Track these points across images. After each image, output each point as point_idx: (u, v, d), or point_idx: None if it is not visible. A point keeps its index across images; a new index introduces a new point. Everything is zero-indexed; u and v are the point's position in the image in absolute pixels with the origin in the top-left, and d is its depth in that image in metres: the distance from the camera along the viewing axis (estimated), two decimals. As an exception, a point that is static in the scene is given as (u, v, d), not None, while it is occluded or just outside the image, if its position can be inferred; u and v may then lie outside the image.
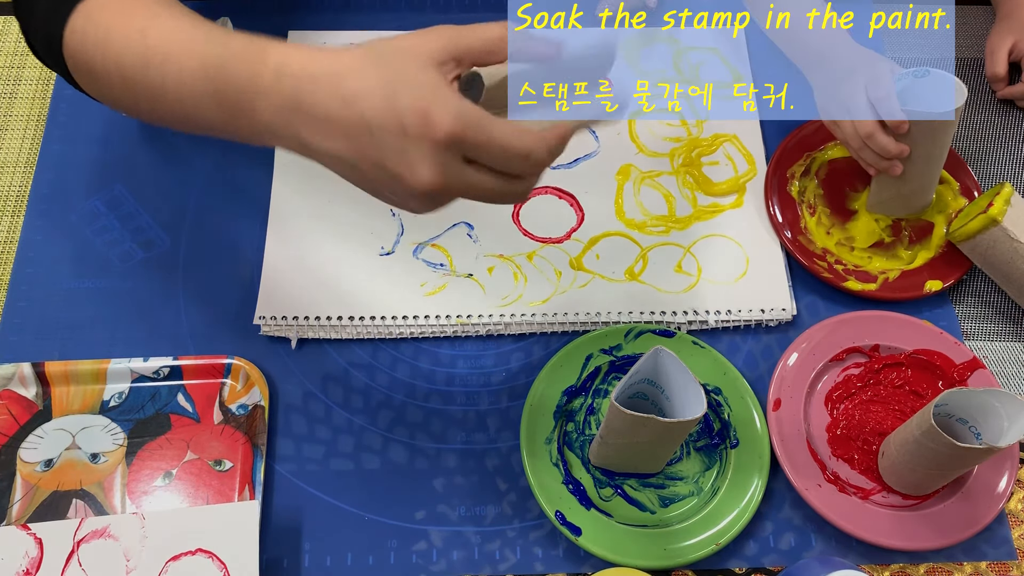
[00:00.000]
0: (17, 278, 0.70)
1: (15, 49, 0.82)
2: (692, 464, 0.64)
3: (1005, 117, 0.81)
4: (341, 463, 0.64)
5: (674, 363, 0.54)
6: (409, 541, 0.62)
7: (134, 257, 0.71)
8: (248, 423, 0.64)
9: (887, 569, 0.62)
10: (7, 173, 0.75)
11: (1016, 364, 0.70)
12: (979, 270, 0.72)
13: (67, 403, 0.65)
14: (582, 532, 0.60)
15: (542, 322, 0.69)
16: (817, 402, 0.66)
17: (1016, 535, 0.63)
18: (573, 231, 0.73)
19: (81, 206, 0.73)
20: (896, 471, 0.61)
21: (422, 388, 0.67)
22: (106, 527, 0.55)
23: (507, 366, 0.68)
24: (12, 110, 0.79)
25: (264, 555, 0.60)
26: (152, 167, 0.75)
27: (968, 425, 0.57)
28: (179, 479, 0.62)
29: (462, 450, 0.65)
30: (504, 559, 0.61)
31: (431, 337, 0.69)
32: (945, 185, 0.75)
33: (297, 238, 0.71)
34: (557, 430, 0.64)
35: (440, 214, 0.73)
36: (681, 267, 0.72)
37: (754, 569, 0.61)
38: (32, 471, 0.62)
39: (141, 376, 0.65)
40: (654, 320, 0.69)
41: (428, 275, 0.70)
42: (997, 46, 0.80)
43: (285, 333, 0.67)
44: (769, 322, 0.70)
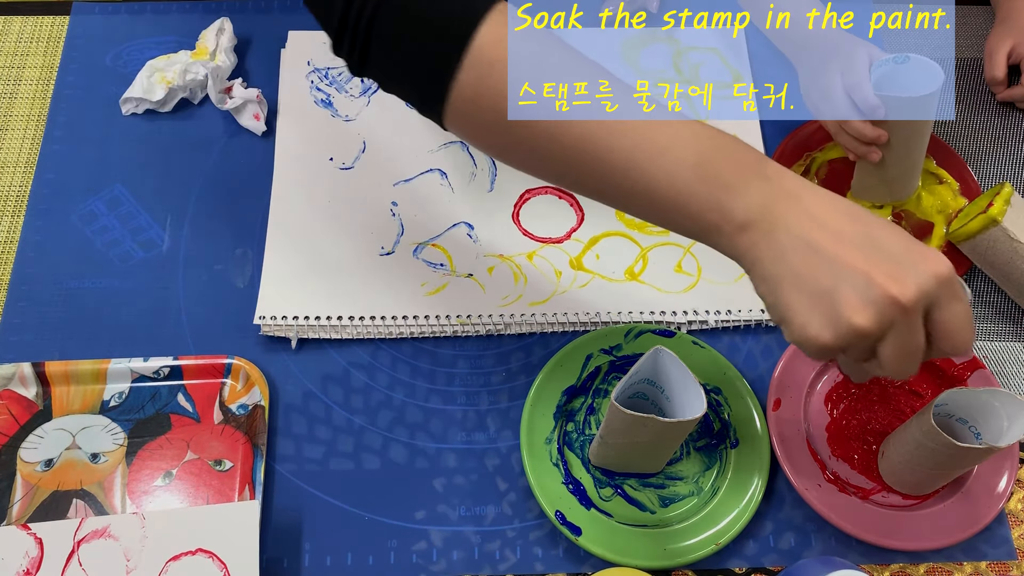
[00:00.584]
0: (17, 278, 0.70)
1: (15, 49, 0.82)
2: (692, 464, 0.64)
3: (1005, 117, 0.81)
4: (341, 463, 0.64)
5: (674, 363, 0.54)
6: (409, 541, 0.62)
7: (134, 257, 0.71)
8: (248, 423, 0.64)
9: (887, 569, 0.62)
10: (7, 173, 0.75)
11: (1016, 364, 0.70)
12: (979, 270, 0.72)
13: (67, 403, 0.65)
14: (582, 532, 0.60)
15: (542, 322, 0.69)
16: (817, 402, 0.66)
17: (1016, 535, 0.63)
18: (573, 231, 0.73)
19: (81, 206, 0.73)
20: (896, 471, 0.61)
21: (422, 388, 0.67)
22: (106, 527, 0.55)
23: (507, 366, 0.68)
24: (12, 110, 0.79)
25: (264, 555, 0.60)
26: (152, 167, 0.75)
27: (968, 425, 0.57)
28: (179, 479, 0.62)
29: (462, 450, 0.65)
30: (504, 559, 0.61)
31: (431, 337, 0.69)
32: (945, 185, 0.75)
33: (297, 238, 0.72)
34: (557, 430, 0.64)
35: (440, 214, 0.73)
36: (681, 267, 0.72)
37: (754, 569, 0.62)
38: (32, 471, 0.62)
39: (141, 376, 0.65)
40: (654, 320, 0.69)
41: (428, 275, 0.70)
42: (996, 49, 0.80)
43: (285, 333, 0.67)
44: (769, 322, 0.70)
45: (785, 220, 0.44)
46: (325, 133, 0.77)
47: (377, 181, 0.75)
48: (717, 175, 0.45)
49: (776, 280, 0.44)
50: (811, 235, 0.44)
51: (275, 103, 0.78)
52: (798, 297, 0.44)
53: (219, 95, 0.76)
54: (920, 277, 0.42)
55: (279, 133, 0.76)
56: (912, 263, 0.43)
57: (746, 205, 0.44)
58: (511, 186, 0.75)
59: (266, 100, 0.77)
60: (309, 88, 0.79)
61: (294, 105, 0.78)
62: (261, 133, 0.76)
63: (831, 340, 0.43)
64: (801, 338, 0.44)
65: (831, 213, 0.44)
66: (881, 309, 0.42)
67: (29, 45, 0.82)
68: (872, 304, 0.42)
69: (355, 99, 0.79)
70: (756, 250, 0.45)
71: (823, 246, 0.43)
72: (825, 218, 0.44)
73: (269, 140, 0.76)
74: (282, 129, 0.77)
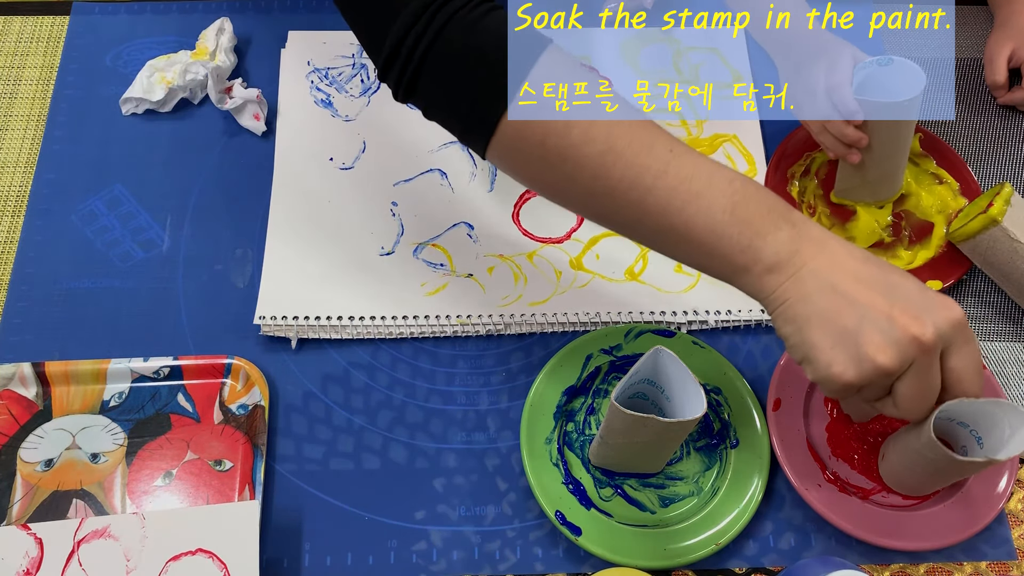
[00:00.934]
0: (17, 278, 0.70)
1: (15, 49, 0.82)
2: (692, 464, 0.64)
3: (1005, 118, 0.81)
4: (341, 463, 0.64)
5: (674, 363, 0.54)
6: (409, 541, 0.62)
7: (134, 257, 0.71)
8: (248, 423, 0.64)
9: (887, 569, 0.62)
10: (7, 173, 0.75)
11: (1016, 364, 0.70)
12: (979, 270, 0.72)
13: (67, 403, 0.65)
14: (582, 532, 0.60)
15: (542, 322, 0.69)
16: (817, 402, 0.66)
17: (1016, 535, 0.63)
18: (573, 231, 0.73)
19: (81, 206, 0.73)
20: (896, 474, 0.61)
21: (422, 388, 0.67)
22: (106, 527, 0.55)
23: (507, 366, 0.68)
24: (12, 110, 0.79)
25: (264, 555, 0.60)
26: (152, 167, 0.75)
27: (969, 429, 0.57)
28: (179, 479, 0.62)
29: (462, 450, 0.65)
30: (504, 559, 0.61)
31: (431, 337, 0.69)
32: (945, 185, 0.75)
33: (297, 238, 0.72)
34: (557, 430, 0.64)
35: (440, 214, 0.73)
36: (681, 267, 0.72)
37: (754, 569, 0.61)
38: (32, 471, 0.62)
39: (141, 376, 0.65)
40: (654, 320, 0.69)
41: (428, 275, 0.70)
42: (996, 53, 0.80)
43: (285, 333, 0.67)
44: (769, 322, 0.70)
45: (811, 264, 0.47)
46: (325, 133, 0.77)
47: (377, 181, 0.75)
48: (750, 219, 0.47)
49: (802, 320, 0.47)
50: (835, 278, 0.46)
51: (275, 103, 0.78)
52: (823, 336, 0.46)
53: (219, 95, 0.76)
54: (938, 319, 0.45)
55: (279, 133, 0.76)
56: (930, 307, 0.46)
57: (775, 249, 0.47)
58: (511, 186, 0.75)
59: (266, 100, 0.77)
60: (309, 88, 0.79)
61: (294, 105, 0.78)
62: (261, 133, 0.76)
63: (854, 378, 0.46)
64: (825, 376, 0.47)
65: (852, 259, 0.47)
66: (903, 349, 0.45)
67: (29, 45, 0.82)
68: (895, 344, 0.45)
69: (355, 99, 0.79)
70: (782, 291, 0.48)
71: (847, 289, 0.46)
72: (847, 263, 0.47)
73: (269, 140, 0.76)
74: (282, 129, 0.77)
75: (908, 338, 0.45)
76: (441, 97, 0.51)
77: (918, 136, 0.75)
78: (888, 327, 0.45)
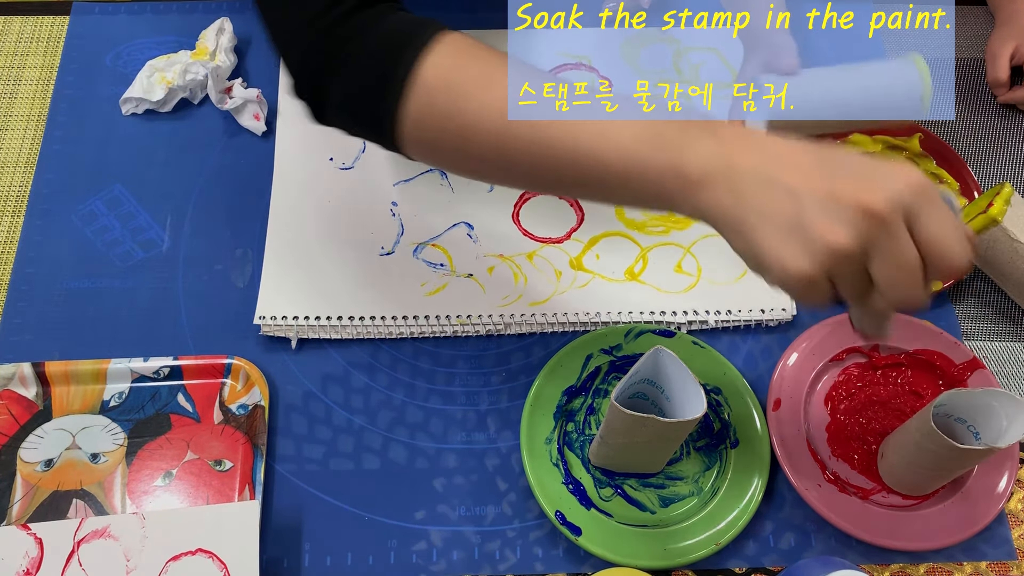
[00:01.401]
0: (17, 278, 0.70)
1: (15, 49, 0.82)
2: (692, 464, 0.64)
3: (1005, 117, 0.81)
4: (341, 463, 0.64)
5: (674, 363, 0.54)
6: (409, 541, 0.62)
7: (134, 257, 0.71)
8: (248, 423, 0.64)
9: (887, 569, 0.62)
10: (7, 173, 0.75)
11: (1016, 364, 0.70)
12: (979, 270, 0.72)
13: (67, 403, 0.65)
14: (582, 532, 0.60)
15: (542, 322, 0.69)
16: (817, 402, 0.66)
17: (1016, 535, 0.63)
18: (573, 231, 0.73)
19: (81, 206, 0.73)
20: (895, 472, 0.61)
21: (422, 388, 0.67)
22: (106, 527, 0.55)
23: (507, 366, 0.68)
24: (12, 110, 0.79)
25: (264, 555, 0.60)
26: (152, 167, 0.75)
27: (967, 425, 0.57)
28: (179, 479, 0.62)
29: (462, 450, 0.65)
30: (504, 559, 0.61)
31: (431, 337, 0.69)
32: (945, 186, 0.75)
33: (297, 238, 0.72)
34: (557, 430, 0.64)
35: (440, 214, 0.73)
36: (681, 267, 0.72)
37: (754, 569, 0.62)
38: (32, 471, 0.62)
39: (141, 376, 0.65)
40: (654, 320, 0.69)
41: (428, 275, 0.70)
42: (998, 51, 0.80)
43: (285, 333, 0.67)
44: (769, 322, 0.70)
45: (741, 165, 0.43)
46: (325, 133, 0.76)
47: (377, 181, 0.75)
48: (666, 140, 0.44)
49: (742, 224, 0.42)
50: (769, 171, 0.42)
51: (275, 103, 0.78)
52: (768, 235, 0.41)
53: (219, 95, 0.76)
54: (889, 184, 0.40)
55: (279, 133, 0.76)
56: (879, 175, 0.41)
57: (699, 162, 0.43)
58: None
59: (266, 100, 0.77)
60: (309, 88, 0.79)
61: (294, 105, 0.78)
62: (261, 133, 0.76)
63: (811, 268, 0.41)
64: (782, 276, 0.42)
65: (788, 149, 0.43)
66: (855, 223, 0.40)
67: (29, 45, 0.82)
68: (843, 221, 0.40)
69: (355, 99, 0.79)
70: (718, 202, 0.43)
71: (782, 179, 0.42)
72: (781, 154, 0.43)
73: (269, 140, 0.76)
74: (282, 129, 0.77)
75: (857, 210, 0.40)
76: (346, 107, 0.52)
77: (918, 136, 0.75)
78: (833, 205, 0.40)
